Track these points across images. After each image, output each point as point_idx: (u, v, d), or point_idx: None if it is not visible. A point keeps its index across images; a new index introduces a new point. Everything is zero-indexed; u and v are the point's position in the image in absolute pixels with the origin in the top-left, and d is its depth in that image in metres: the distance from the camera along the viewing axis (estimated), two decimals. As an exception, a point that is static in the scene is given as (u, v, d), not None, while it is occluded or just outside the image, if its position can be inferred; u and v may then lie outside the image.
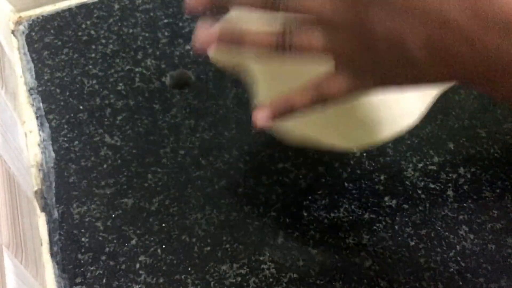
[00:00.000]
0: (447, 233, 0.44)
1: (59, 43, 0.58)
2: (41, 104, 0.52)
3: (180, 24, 0.60)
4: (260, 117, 0.34)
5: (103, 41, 0.58)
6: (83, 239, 0.43)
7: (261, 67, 0.39)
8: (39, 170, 0.48)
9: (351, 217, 0.45)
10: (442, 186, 0.46)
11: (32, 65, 0.55)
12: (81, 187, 0.46)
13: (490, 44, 0.25)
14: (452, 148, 0.49)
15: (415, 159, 0.48)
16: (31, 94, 0.53)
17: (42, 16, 0.60)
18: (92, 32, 0.59)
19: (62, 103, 0.52)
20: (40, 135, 0.50)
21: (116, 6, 0.61)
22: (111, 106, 0.52)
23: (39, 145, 0.49)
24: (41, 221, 0.44)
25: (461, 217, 0.45)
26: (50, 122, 0.51)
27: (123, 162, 0.48)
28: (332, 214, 0.45)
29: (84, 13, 0.61)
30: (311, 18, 0.30)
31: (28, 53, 0.57)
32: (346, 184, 0.47)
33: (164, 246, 0.43)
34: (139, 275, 0.41)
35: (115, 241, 0.43)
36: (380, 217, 0.44)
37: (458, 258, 0.42)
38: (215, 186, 0.46)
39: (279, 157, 0.48)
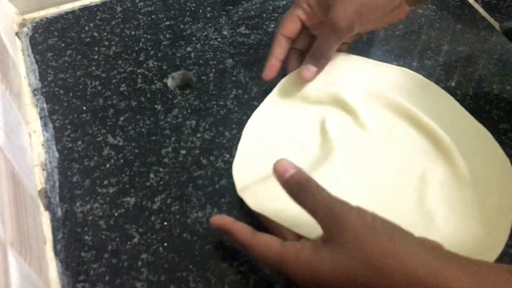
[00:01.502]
0: (444, 232, 0.44)
1: (63, 44, 0.58)
2: (45, 105, 0.53)
3: (182, 26, 0.60)
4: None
5: (106, 43, 0.59)
6: (86, 237, 0.44)
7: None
8: (43, 169, 0.48)
9: (349, 216, 0.45)
10: (439, 186, 0.47)
11: (36, 66, 0.56)
12: (84, 186, 0.47)
13: None
14: (449, 148, 0.49)
15: (413, 158, 0.48)
16: (35, 95, 0.54)
17: (46, 18, 0.61)
18: (95, 34, 0.59)
19: (65, 104, 0.53)
20: (44, 135, 0.51)
21: (119, 9, 0.62)
22: (114, 106, 0.53)
23: (43, 145, 0.50)
24: (45, 219, 0.45)
25: (458, 215, 0.45)
26: (54, 122, 0.52)
27: (126, 161, 0.49)
28: (331, 213, 0.45)
29: (87, 15, 0.61)
30: None
31: (32, 55, 0.57)
32: (345, 184, 0.47)
33: (165, 244, 0.43)
34: (141, 273, 0.42)
35: (117, 239, 0.44)
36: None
37: (455, 256, 0.43)
38: (216, 185, 0.47)
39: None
